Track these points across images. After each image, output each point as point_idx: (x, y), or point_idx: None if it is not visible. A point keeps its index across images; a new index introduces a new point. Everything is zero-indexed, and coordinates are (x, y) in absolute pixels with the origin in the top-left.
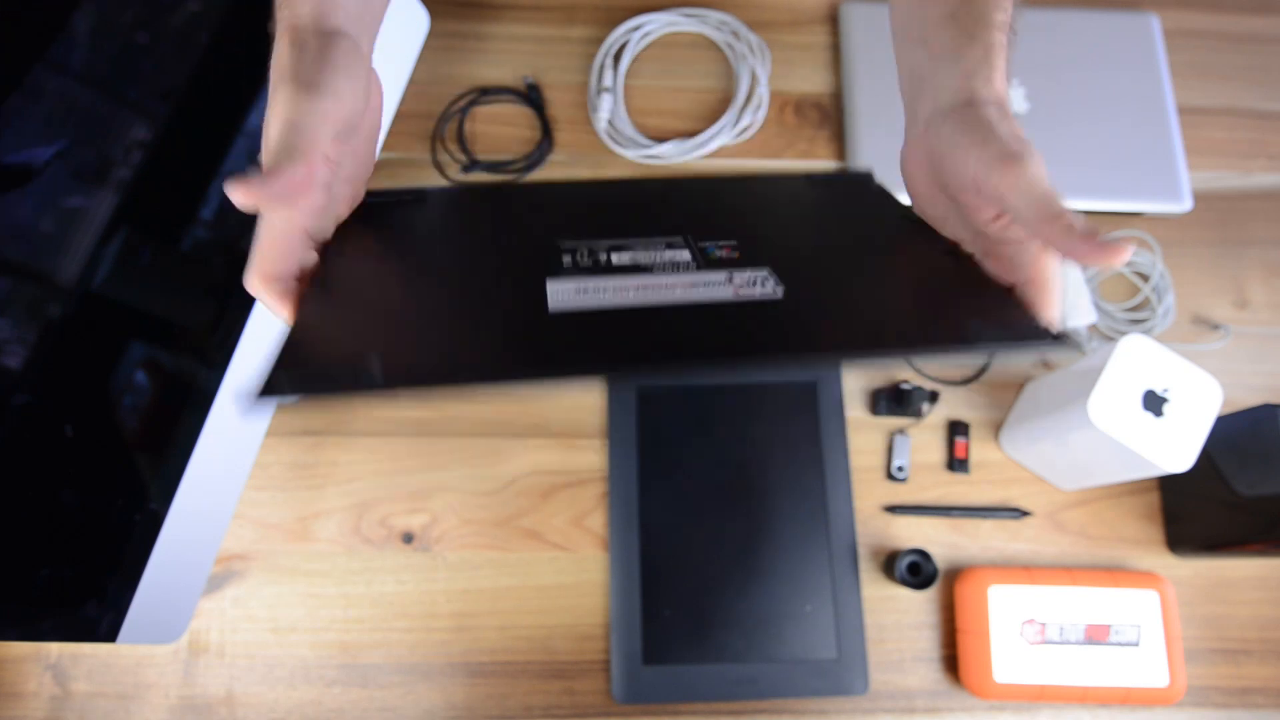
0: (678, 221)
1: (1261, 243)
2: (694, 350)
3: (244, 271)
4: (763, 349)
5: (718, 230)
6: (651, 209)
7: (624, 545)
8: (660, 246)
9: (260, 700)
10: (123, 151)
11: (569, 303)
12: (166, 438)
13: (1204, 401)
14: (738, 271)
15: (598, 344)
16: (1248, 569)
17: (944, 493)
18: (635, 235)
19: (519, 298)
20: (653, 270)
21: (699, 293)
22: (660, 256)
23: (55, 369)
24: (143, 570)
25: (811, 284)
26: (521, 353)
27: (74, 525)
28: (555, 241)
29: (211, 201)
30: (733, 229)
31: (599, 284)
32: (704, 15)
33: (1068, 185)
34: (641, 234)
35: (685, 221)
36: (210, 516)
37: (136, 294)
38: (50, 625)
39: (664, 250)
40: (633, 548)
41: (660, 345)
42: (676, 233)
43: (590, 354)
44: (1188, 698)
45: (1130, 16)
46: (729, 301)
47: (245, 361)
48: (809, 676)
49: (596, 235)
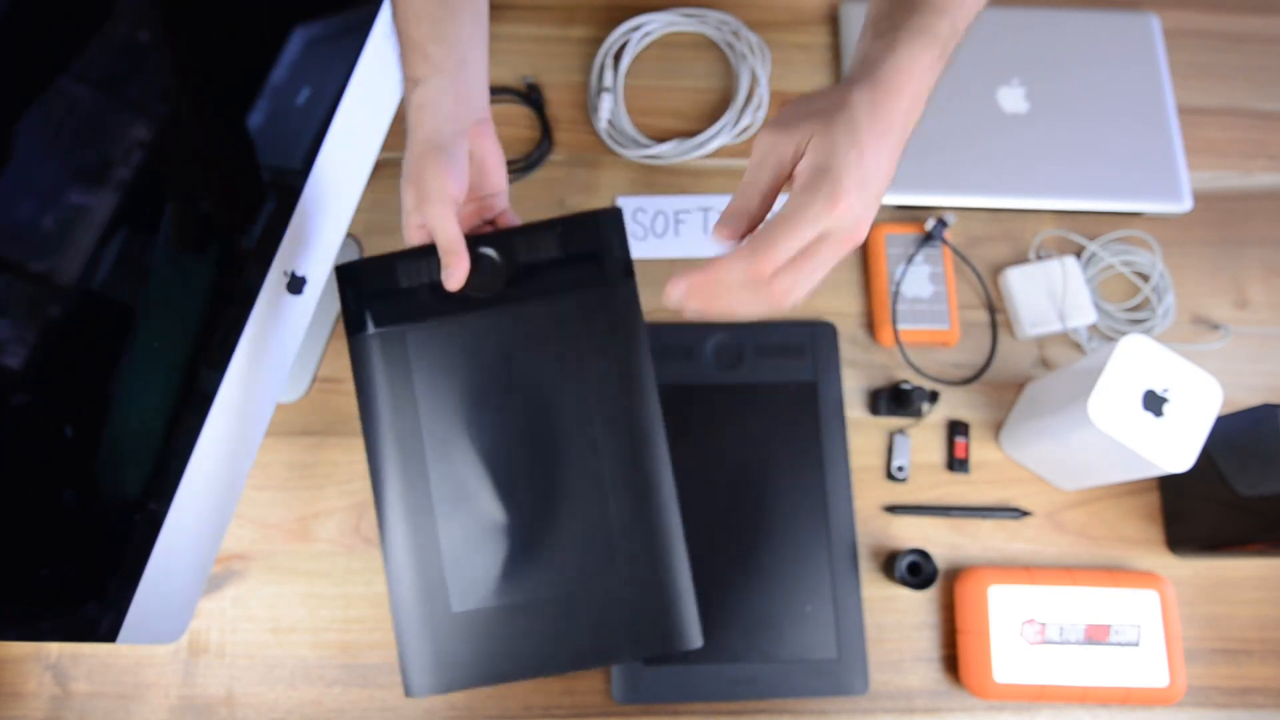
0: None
1: (1261, 243)
2: None
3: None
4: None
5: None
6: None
7: None
8: None
9: (260, 700)
10: (123, 151)
11: None
12: (167, 438)
13: (1204, 401)
14: None
15: None
16: (1248, 569)
17: (944, 492)
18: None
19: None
20: None
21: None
22: None
23: (55, 369)
24: (143, 570)
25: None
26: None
27: (74, 525)
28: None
29: (211, 201)
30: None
31: None
32: (704, 15)
33: (1068, 185)
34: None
35: None
36: (210, 516)
37: (137, 294)
38: (50, 625)
39: None
40: None
41: None
42: None
43: None
44: (1188, 698)
45: (1130, 16)
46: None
47: (245, 362)
48: (809, 676)
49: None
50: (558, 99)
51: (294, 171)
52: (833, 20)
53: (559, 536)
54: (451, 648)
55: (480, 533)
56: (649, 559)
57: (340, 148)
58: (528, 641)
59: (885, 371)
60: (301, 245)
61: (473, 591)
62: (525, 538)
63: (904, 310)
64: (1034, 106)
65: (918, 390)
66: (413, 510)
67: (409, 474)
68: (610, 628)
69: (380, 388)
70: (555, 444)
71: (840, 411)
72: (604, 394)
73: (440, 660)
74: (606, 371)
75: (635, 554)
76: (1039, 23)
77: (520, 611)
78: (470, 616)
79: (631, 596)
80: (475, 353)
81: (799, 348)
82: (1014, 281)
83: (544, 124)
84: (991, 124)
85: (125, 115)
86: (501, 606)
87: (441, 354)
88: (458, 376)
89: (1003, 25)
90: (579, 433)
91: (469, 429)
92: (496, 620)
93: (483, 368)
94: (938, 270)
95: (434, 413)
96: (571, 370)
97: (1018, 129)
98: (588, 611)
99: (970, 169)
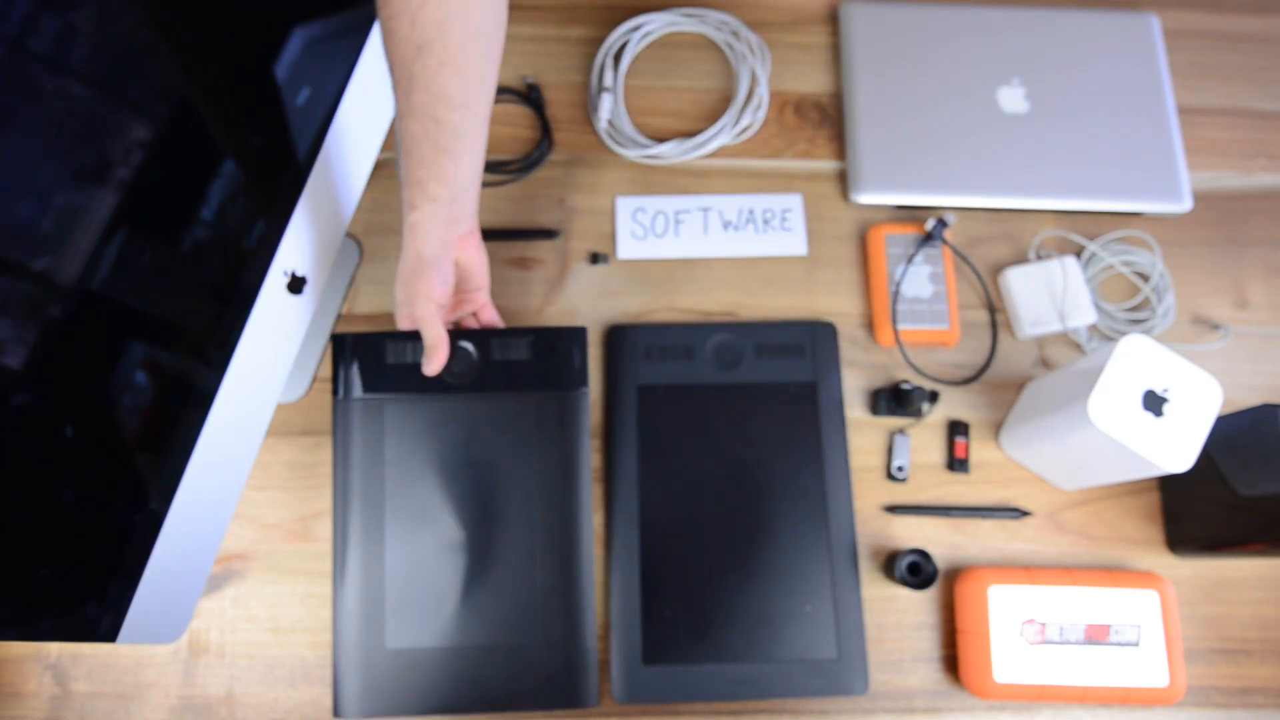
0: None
1: (1262, 243)
2: None
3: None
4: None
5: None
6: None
7: (624, 545)
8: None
9: (260, 700)
10: (123, 151)
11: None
12: (166, 438)
13: (1204, 401)
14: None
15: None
16: (1248, 569)
17: (944, 492)
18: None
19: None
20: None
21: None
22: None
23: (55, 369)
24: (143, 571)
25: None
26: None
27: (74, 525)
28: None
29: (211, 201)
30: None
31: None
32: (704, 15)
33: (1067, 185)
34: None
35: None
36: (210, 516)
37: (137, 294)
38: (50, 625)
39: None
40: (632, 547)
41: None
42: None
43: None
44: (1188, 698)
45: (1130, 16)
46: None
47: (245, 362)
48: (809, 676)
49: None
50: (558, 99)
51: (294, 171)
52: (833, 20)
53: (490, 594)
54: (380, 679)
55: (422, 581)
56: (564, 625)
57: (340, 147)
58: (449, 682)
59: (885, 371)
60: (302, 245)
61: (408, 631)
62: (461, 591)
63: (904, 310)
64: (1034, 106)
65: (918, 390)
66: (367, 553)
67: (368, 522)
68: (522, 679)
69: (355, 445)
70: (498, 515)
71: (840, 411)
72: (546, 480)
73: (369, 688)
74: (551, 463)
75: (553, 619)
76: (1039, 23)
77: (447, 655)
78: (402, 654)
79: (545, 656)
80: (442, 428)
81: (799, 348)
82: (1014, 282)
83: (544, 124)
84: (992, 124)
85: (125, 115)
86: (431, 649)
87: (413, 425)
88: (424, 446)
89: (1003, 25)
90: (520, 509)
91: (427, 492)
92: (424, 660)
93: (447, 442)
94: (938, 270)
95: (399, 473)
96: (522, 456)
97: (1018, 129)
98: (506, 663)
99: (970, 169)
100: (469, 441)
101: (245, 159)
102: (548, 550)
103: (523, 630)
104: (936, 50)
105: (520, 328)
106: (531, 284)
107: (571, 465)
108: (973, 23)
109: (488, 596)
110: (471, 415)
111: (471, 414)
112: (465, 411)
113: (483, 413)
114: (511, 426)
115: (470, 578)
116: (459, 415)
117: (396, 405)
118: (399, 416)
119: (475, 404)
